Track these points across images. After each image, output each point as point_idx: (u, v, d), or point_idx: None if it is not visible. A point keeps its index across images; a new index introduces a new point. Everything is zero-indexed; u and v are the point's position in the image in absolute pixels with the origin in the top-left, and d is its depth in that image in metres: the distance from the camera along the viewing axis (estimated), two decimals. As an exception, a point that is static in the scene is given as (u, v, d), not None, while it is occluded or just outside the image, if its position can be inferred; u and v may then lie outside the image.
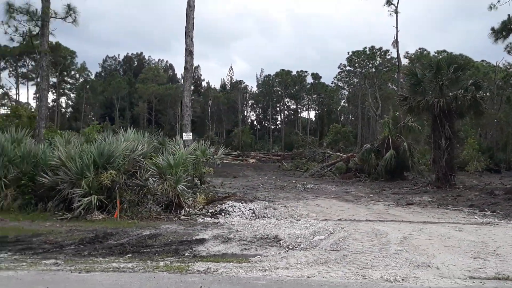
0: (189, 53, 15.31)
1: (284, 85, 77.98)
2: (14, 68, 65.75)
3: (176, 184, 11.24)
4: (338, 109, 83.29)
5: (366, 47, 58.44)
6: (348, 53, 61.87)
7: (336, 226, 10.33)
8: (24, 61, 64.67)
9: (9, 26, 17.59)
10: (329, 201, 16.88)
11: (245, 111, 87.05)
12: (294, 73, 76.54)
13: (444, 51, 45.64)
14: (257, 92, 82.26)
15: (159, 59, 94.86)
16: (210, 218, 11.59)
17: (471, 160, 36.17)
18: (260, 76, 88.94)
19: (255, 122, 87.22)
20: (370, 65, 59.36)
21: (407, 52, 53.23)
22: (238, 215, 12.15)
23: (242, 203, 13.42)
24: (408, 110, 22.86)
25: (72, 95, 77.86)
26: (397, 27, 34.22)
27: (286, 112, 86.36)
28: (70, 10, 17.25)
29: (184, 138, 14.92)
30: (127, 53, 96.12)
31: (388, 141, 27.84)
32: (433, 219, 12.37)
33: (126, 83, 78.64)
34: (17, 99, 70.29)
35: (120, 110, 78.52)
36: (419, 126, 26.28)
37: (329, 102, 76.58)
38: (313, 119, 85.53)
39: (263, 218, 11.85)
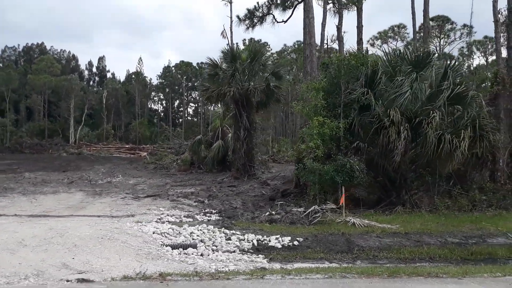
0: None
1: (186, 77, 76.93)
2: None
3: None
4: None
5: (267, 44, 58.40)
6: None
7: None
8: None
9: None
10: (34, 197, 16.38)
11: (150, 104, 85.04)
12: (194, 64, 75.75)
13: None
14: (158, 84, 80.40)
15: (61, 50, 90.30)
16: None
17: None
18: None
19: (162, 115, 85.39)
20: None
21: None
22: None
23: None
24: (207, 99, 22.74)
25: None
26: (231, 18, 33.90)
27: (192, 104, 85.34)
28: None
29: None
30: (27, 43, 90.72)
31: (219, 132, 27.71)
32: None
33: (18, 74, 74.20)
34: None
35: (16, 102, 74.20)
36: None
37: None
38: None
39: None
